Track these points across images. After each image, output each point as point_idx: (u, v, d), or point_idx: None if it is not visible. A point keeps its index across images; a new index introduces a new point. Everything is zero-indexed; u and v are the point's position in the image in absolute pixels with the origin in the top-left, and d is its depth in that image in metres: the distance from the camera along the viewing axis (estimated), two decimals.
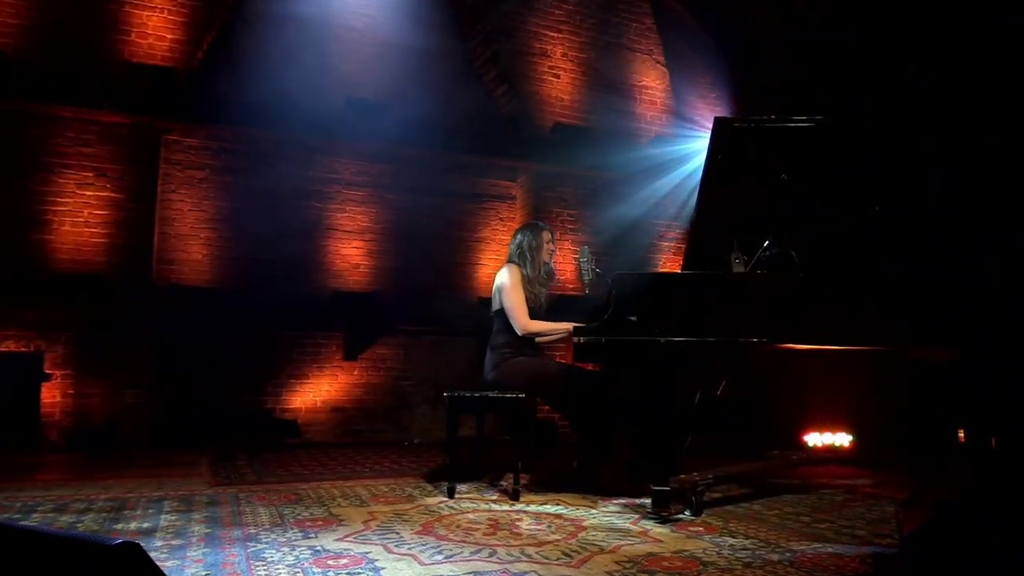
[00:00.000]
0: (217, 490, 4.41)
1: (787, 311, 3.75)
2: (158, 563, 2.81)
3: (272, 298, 7.24)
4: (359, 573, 2.68)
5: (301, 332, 7.42)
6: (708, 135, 4.06)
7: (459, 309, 7.98)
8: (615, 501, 4.13)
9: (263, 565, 2.77)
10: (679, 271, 4.64)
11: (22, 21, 6.33)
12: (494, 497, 4.24)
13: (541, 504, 4.04)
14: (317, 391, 7.43)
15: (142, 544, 3.02)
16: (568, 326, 4.34)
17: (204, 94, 6.90)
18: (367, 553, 2.96)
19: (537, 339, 4.60)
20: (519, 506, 3.99)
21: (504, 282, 4.55)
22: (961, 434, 5.02)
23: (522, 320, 4.46)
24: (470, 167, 8.31)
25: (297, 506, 3.92)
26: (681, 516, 3.69)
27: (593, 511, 3.87)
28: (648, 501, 3.76)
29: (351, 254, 7.78)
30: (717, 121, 3.98)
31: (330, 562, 2.82)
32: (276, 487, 4.54)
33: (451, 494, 4.21)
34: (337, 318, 7.52)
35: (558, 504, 4.04)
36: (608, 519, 3.67)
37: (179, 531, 3.32)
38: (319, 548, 3.03)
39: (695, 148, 8.70)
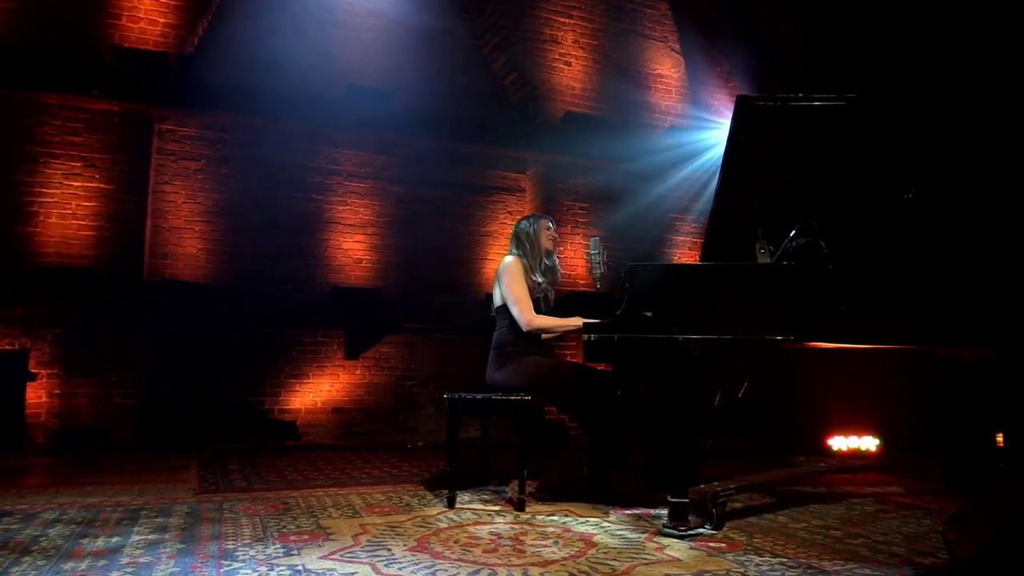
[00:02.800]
0: (201, 498, 4.12)
1: (815, 306, 3.43)
2: None
3: (270, 294, 6.98)
4: None
5: (301, 329, 7.12)
6: (726, 125, 3.76)
7: (466, 306, 7.66)
8: (628, 511, 3.83)
9: None
10: (698, 262, 4.32)
11: (6, 4, 6.06)
12: (498, 507, 3.93)
13: (548, 515, 3.73)
14: (317, 391, 7.13)
15: (106, 562, 2.77)
16: (577, 322, 4.04)
17: (199, 80, 6.63)
18: (353, 574, 2.66)
19: (543, 335, 4.29)
20: (524, 517, 3.69)
21: (505, 274, 4.24)
22: (999, 438, 4.69)
23: (526, 314, 4.14)
24: (477, 158, 8.00)
25: (284, 517, 3.63)
26: (701, 530, 3.37)
27: (604, 523, 3.56)
28: (664, 512, 3.45)
29: (353, 249, 7.48)
30: (739, 100, 3.66)
31: None
32: (265, 495, 4.24)
33: (451, 504, 3.90)
34: (338, 315, 7.21)
35: (567, 515, 3.74)
36: (621, 533, 3.36)
37: (150, 547, 3.02)
38: (300, 568, 2.73)
39: (713, 138, 8.40)
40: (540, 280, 4.33)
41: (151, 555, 2.90)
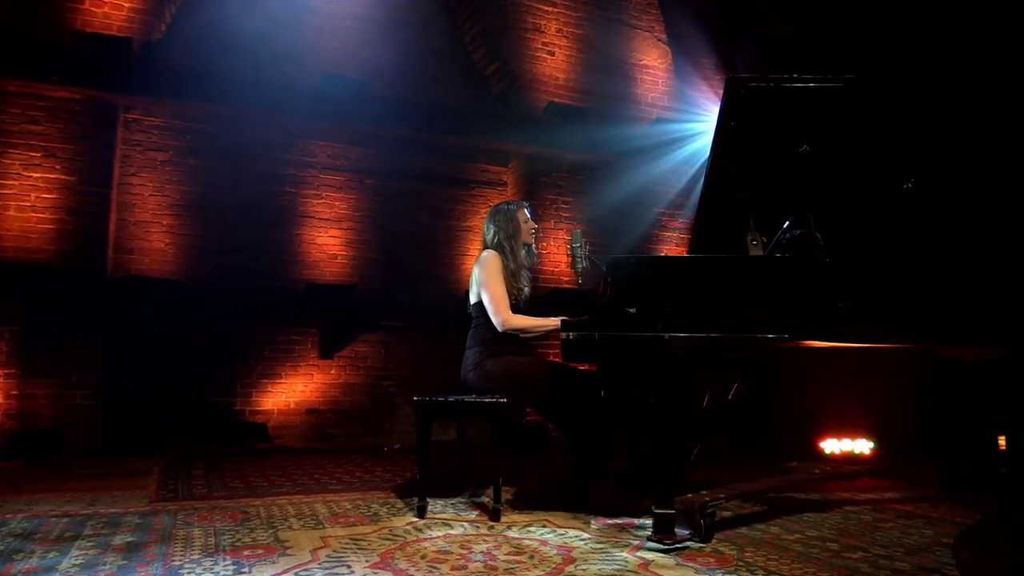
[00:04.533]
0: (156, 507, 3.86)
1: (811, 302, 3.21)
2: None
3: (241, 291, 6.71)
4: None
5: (273, 327, 6.85)
6: (714, 119, 3.52)
7: (446, 303, 7.39)
8: (610, 521, 3.59)
9: None
10: (685, 255, 4.09)
11: None
12: (471, 516, 3.68)
13: (524, 525, 3.49)
14: (290, 392, 6.86)
15: None
16: (555, 322, 3.78)
17: (167, 68, 6.36)
18: None
19: (521, 335, 4.04)
20: (499, 528, 3.44)
21: (482, 269, 4.00)
22: (1001, 441, 4.48)
23: (503, 314, 3.90)
24: (457, 150, 7.75)
25: (240, 529, 3.37)
26: (688, 544, 3.13)
27: (585, 535, 3.32)
28: (649, 521, 3.21)
29: (328, 244, 7.21)
30: (729, 81, 3.42)
31: None
32: (225, 503, 3.98)
33: (421, 513, 3.65)
34: (313, 313, 6.96)
35: (544, 525, 3.49)
36: (602, 546, 3.12)
37: (88, 563, 2.76)
38: None
39: (699, 130, 8.18)
40: (522, 285, 4.09)
41: (87, 573, 2.64)
